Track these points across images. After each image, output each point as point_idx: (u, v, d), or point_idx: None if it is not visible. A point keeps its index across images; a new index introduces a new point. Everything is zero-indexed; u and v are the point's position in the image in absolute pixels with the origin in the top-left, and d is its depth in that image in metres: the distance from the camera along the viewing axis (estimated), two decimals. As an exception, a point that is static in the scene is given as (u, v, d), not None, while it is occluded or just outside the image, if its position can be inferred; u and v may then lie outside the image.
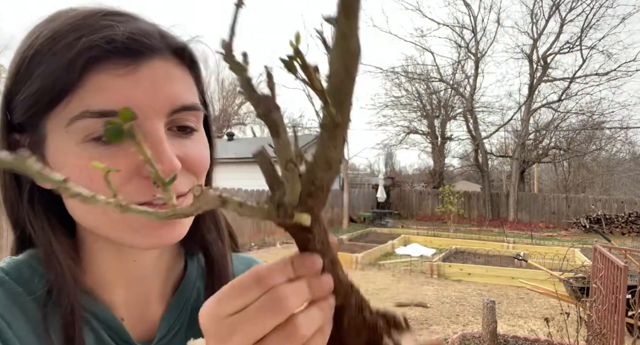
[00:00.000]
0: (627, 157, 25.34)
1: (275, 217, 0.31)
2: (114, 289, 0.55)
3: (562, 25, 17.91)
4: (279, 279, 0.34)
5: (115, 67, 0.44)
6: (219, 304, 0.34)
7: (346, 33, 0.23)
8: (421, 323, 5.34)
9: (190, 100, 0.50)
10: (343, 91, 0.26)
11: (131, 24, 0.47)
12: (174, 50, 0.49)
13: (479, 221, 17.34)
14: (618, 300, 3.37)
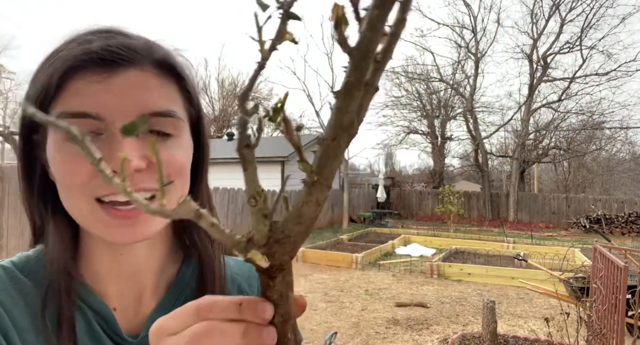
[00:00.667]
0: (627, 157, 25.34)
1: (242, 250, 0.32)
2: (107, 281, 0.59)
3: (562, 25, 17.91)
4: (216, 315, 0.34)
5: (91, 75, 0.50)
6: (165, 322, 0.36)
7: (341, 108, 0.25)
8: (421, 323, 5.34)
9: (163, 107, 0.53)
10: (327, 156, 0.27)
11: (112, 39, 0.52)
12: (155, 62, 0.54)
13: (479, 221, 17.34)
14: (618, 300, 3.37)
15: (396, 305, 6.00)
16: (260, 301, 0.34)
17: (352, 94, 0.25)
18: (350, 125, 0.26)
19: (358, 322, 5.34)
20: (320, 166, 0.28)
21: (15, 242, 5.22)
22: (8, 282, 0.54)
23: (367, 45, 0.23)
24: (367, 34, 0.23)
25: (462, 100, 20.86)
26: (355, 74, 0.24)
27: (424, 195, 19.58)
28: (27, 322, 0.52)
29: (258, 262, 0.31)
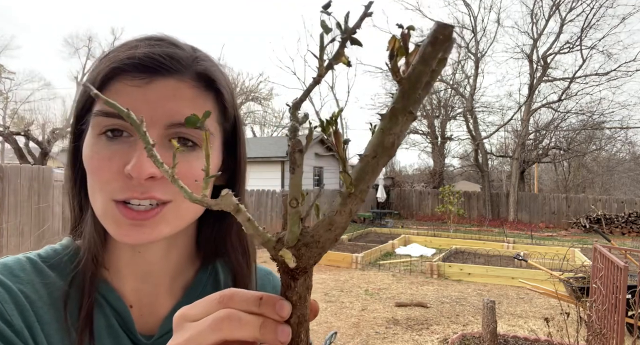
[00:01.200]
0: (627, 157, 25.33)
1: (271, 248, 0.34)
2: (125, 279, 0.61)
3: (562, 25, 17.90)
4: (238, 305, 0.36)
5: (131, 79, 0.53)
6: (189, 309, 0.38)
7: (385, 130, 0.28)
8: (421, 323, 5.34)
9: None
10: (366, 171, 0.30)
11: (158, 47, 0.55)
12: (195, 74, 0.56)
13: (479, 221, 17.33)
14: (618, 300, 3.37)
15: (396, 305, 6.00)
16: (280, 299, 0.35)
17: (397, 119, 0.27)
18: (391, 147, 0.29)
19: (358, 322, 5.33)
20: (357, 179, 0.30)
21: (15, 242, 5.22)
22: (34, 275, 0.55)
23: (417, 77, 0.25)
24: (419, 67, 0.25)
25: (462, 100, 20.85)
26: (403, 101, 0.26)
27: (424, 195, 19.58)
28: (50, 315, 0.53)
29: (287, 261, 0.33)
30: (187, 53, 0.56)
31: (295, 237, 0.33)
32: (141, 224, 0.52)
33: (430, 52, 0.24)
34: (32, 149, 17.29)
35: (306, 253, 0.33)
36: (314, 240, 0.33)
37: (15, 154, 17.27)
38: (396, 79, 0.26)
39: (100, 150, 0.52)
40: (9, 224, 5.14)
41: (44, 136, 17.62)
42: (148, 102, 0.52)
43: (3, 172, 5.09)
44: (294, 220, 0.32)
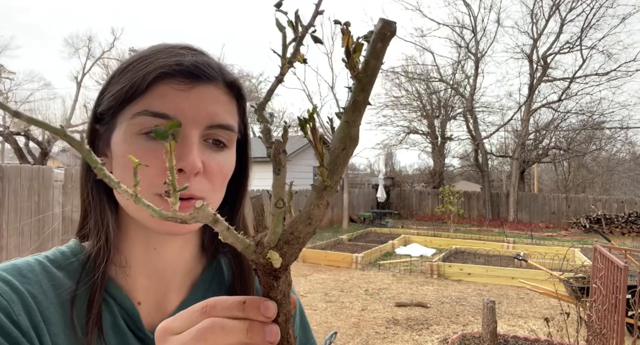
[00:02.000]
0: (627, 157, 25.32)
1: (251, 253, 0.34)
2: (137, 276, 0.62)
3: (562, 25, 17.89)
4: (221, 312, 0.36)
5: (177, 83, 0.57)
6: (171, 322, 0.38)
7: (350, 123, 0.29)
8: (421, 323, 5.34)
9: (227, 121, 0.60)
10: (337, 163, 0.31)
11: (199, 56, 0.60)
12: (227, 82, 0.61)
13: (479, 221, 17.33)
14: (618, 300, 3.36)
15: (396, 305, 6.00)
16: (263, 300, 0.35)
17: (360, 111, 0.29)
18: (356, 137, 0.30)
19: (358, 322, 5.33)
20: (331, 172, 0.31)
21: (15, 242, 5.22)
22: (42, 276, 0.56)
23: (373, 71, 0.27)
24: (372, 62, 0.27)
25: (462, 100, 20.84)
26: (363, 94, 0.28)
27: (424, 195, 19.57)
28: (57, 315, 0.54)
29: (274, 262, 0.33)
30: (216, 63, 0.62)
31: (277, 238, 0.33)
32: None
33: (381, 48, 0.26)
34: (32, 149, 17.29)
35: (288, 251, 0.33)
36: (295, 237, 0.33)
37: (15, 154, 17.27)
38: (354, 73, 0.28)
39: (143, 147, 0.55)
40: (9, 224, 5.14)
41: (44, 136, 17.61)
42: (192, 105, 0.57)
43: (3, 172, 5.08)
44: (277, 220, 0.32)
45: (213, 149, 0.60)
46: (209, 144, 0.59)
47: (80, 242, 0.63)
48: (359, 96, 0.28)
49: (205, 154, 0.58)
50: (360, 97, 0.28)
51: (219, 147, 0.60)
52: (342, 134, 0.30)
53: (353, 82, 0.28)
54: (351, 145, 0.30)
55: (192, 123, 0.57)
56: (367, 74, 0.27)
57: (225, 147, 0.61)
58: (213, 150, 0.59)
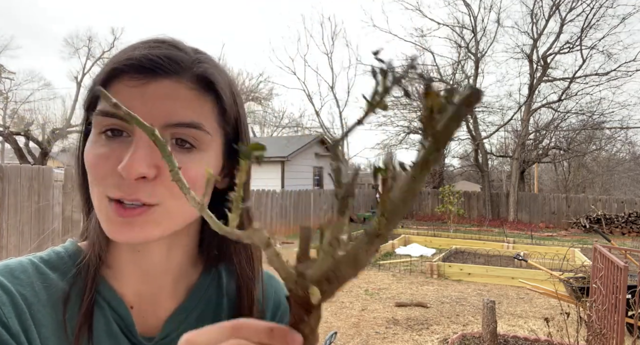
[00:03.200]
0: (627, 157, 25.33)
1: (292, 282, 0.34)
2: (126, 279, 0.61)
3: (562, 25, 17.89)
4: (249, 335, 0.35)
5: (129, 79, 0.53)
6: (197, 336, 0.37)
7: (417, 179, 0.29)
8: (421, 323, 5.34)
9: (188, 118, 0.54)
10: (396, 215, 0.31)
11: (157, 49, 0.55)
12: (194, 76, 0.55)
13: (479, 221, 17.33)
14: (618, 300, 3.37)
15: (396, 305, 6.00)
16: (291, 331, 0.35)
17: (428, 169, 0.29)
18: (417, 193, 0.31)
19: (358, 322, 5.34)
20: (388, 222, 0.31)
21: (15, 242, 5.22)
22: (35, 277, 0.55)
23: (450, 132, 0.28)
24: (452, 124, 0.27)
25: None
26: (436, 154, 0.29)
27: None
28: (49, 317, 0.53)
29: (313, 297, 0.33)
30: (187, 55, 0.56)
31: (320, 273, 0.33)
32: (131, 222, 0.52)
33: (465, 113, 0.27)
34: (32, 149, 17.29)
35: (327, 288, 0.33)
36: (336, 276, 0.33)
37: (15, 154, 17.27)
38: (432, 132, 0.28)
39: (99, 148, 0.53)
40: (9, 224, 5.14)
41: (44, 136, 17.62)
42: (145, 103, 0.52)
43: (3, 172, 5.08)
44: (327, 259, 0.32)
45: (177, 150, 0.54)
46: (172, 145, 0.54)
47: (78, 243, 0.62)
48: (432, 155, 0.28)
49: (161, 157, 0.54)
50: (433, 156, 0.29)
51: (184, 148, 0.54)
52: (407, 189, 0.30)
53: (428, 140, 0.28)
54: (412, 201, 0.30)
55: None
56: (444, 134, 0.28)
57: (193, 148, 0.55)
58: (178, 153, 0.54)
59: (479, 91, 0.27)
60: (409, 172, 0.30)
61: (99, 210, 0.54)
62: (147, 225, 0.53)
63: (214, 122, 0.57)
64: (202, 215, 0.34)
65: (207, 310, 0.66)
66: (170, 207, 0.53)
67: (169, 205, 0.53)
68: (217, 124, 0.58)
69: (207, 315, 0.65)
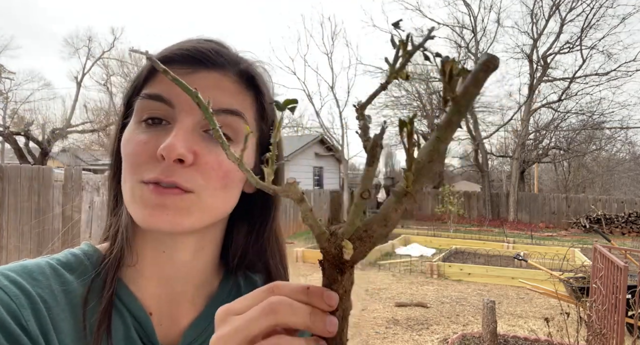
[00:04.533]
0: (627, 157, 25.32)
1: (325, 240, 0.35)
2: (147, 282, 0.59)
3: (562, 25, 17.89)
4: (287, 293, 0.36)
5: (178, 68, 0.54)
6: (234, 304, 0.38)
7: (441, 139, 0.30)
8: (421, 323, 5.34)
9: (231, 105, 0.55)
10: (422, 173, 0.32)
11: (207, 44, 0.57)
12: (238, 71, 0.58)
13: (479, 221, 17.33)
14: (618, 300, 3.36)
15: (396, 305, 6.00)
16: (326, 290, 0.36)
17: (452, 130, 0.30)
18: (443, 153, 0.31)
19: (358, 322, 5.33)
20: (415, 181, 0.32)
21: (16, 242, 5.22)
22: (53, 279, 0.53)
23: (471, 96, 0.29)
24: (471, 88, 0.29)
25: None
26: (458, 115, 0.30)
27: (424, 196, 19.56)
28: (67, 322, 0.51)
29: (346, 251, 0.34)
30: (232, 52, 0.59)
31: (353, 230, 0.34)
32: (165, 205, 0.51)
33: (482, 77, 0.28)
34: (32, 149, 17.29)
35: (359, 246, 0.34)
36: (368, 235, 0.34)
37: (15, 154, 17.26)
38: (452, 96, 0.29)
39: (138, 135, 0.53)
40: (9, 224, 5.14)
41: (44, 136, 17.62)
42: None
43: (3, 172, 5.08)
44: (358, 211, 0.33)
45: (215, 141, 0.53)
46: (209, 135, 0.54)
47: (96, 245, 0.61)
48: (455, 117, 0.30)
49: (202, 144, 0.53)
50: (456, 117, 0.30)
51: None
52: (432, 148, 0.31)
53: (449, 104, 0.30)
54: (438, 160, 0.31)
55: (187, 108, 0.53)
56: (465, 98, 0.29)
57: (230, 140, 0.54)
58: (215, 143, 0.53)
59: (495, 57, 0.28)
60: (434, 133, 0.31)
61: (131, 196, 0.53)
62: (179, 211, 0.52)
63: (252, 117, 0.59)
64: (240, 169, 0.35)
65: None
66: (204, 197, 0.53)
67: (203, 195, 0.53)
68: (255, 120, 0.59)
69: None
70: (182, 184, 0.51)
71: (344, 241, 0.34)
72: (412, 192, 0.32)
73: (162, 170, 0.51)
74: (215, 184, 0.54)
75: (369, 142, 0.33)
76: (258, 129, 0.60)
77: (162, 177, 0.51)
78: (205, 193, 0.53)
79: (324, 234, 0.35)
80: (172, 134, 0.51)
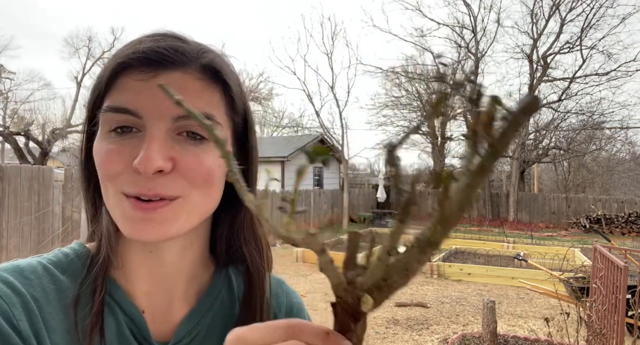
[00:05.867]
0: (627, 157, 25.32)
1: (342, 290, 0.33)
2: (137, 281, 0.59)
3: (562, 25, 17.89)
4: (307, 337, 0.35)
5: (137, 73, 0.52)
6: (250, 332, 0.36)
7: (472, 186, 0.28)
8: (421, 323, 5.34)
9: (199, 110, 0.53)
10: (448, 223, 0.29)
11: (163, 41, 0.54)
12: (201, 66, 0.55)
13: (479, 221, 17.34)
14: (618, 300, 3.37)
15: (396, 305, 6.00)
16: (344, 339, 0.34)
17: (484, 177, 0.28)
18: (474, 201, 0.29)
19: (358, 322, 5.33)
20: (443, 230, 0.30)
21: (16, 242, 5.22)
22: (45, 278, 0.53)
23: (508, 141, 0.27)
24: (509, 133, 0.27)
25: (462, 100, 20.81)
26: (492, 161, 0.28)
27: (424, 195, 19.57)
28: (59, 321, 0.51)
29: (364, 305, 0.32)
30: (192, 46, 0.56)
31: (373, 282, 0.32)
32: (150, 219, 0.50)
33: (522, 120, 0.27)
34: (32, 149, 17.30)
35: (377, 297, 0.32)
36: (387, 285, 0.32)
37: (15, 154, 17.27)
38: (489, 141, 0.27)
39: (110, 145, 0.52)
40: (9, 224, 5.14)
41: (44, 136, 17.62)
42: (154, 96, 0.51)
43: (3, 172, 5.08)
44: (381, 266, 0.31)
45: (189, 142, 0.53)
46: (183, 137, 0.53)
47: (86, 244, 0.61)
48: (489, 162, 0.28)
49: (177, 148, 0.52)
50: (489, 163, 0.28)
51: (197, 140, 0.53)
52: (462, 196, 0.28)
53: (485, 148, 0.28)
54: (467, 209, 0.29)
55: (155, 116, 0.51)
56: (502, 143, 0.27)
57: (204, 139, 0.54)
58: (190, 144, 0.53)
59: (537, 99, 0.26)
60: (465, 180, 0.28)
61: (114, 208, 0.52)
62: (166, 221, 0.52)
63: (223, 112, 0.57)
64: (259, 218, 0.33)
65: (220, 313, 0.64)
66: (191, 198, 0.53)
67: (190, 197, 0.52)
68: (226, 115, 0.58)
69: (220, 319, 0.63)
70: (167, 193, 0.51)
71: (364, 296, 0.32)
72: (438, 242, 0.30)
73: (143, 184, 0.50)
74: (199, 183, 0.53)
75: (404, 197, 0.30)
76: (231, 124, 0.59)
77: (144, 192, 0.50)
78: (191, 194, 0.53)
79: (342, 283, 0.33)
80: (144, 147, 0.49)
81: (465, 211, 0.29)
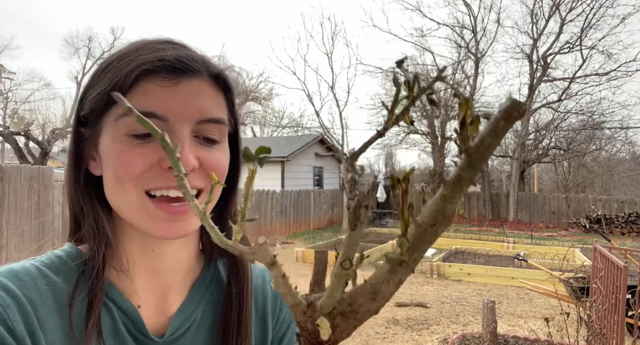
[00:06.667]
0: (627, 157, 25.31)
1: (300, 313, 0.30)
2: (134, 278, 0.61)
3: (562, 25, 17.88)
4: None
5: (161, 79, 0.55)
6: None
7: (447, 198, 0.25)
8: (421, 323, 5.34)
9: (216, 114, 0.59)
10: (423, 239, 0.26)
11: (181, 50, 0.58)
12: (212, 75, 0.59)
13: (479, 221, 17.33)
14: (618, 300, 3.37)
15: (396, 305, 6.00)
16: None
17: (462, 188, 0.26)
18: (451, 215, 0.26)
19: (358, 322, 5.33)
20: (413, 247, 0.27)
21: (16, 242, 5.22)
22: (39, 280, 0.54)
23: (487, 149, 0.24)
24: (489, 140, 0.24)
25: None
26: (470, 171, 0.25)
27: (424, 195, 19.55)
28: (54, 321, 0.52)
29: (322, 331, 0.29)
30: (198, 54, 0.60)
31: (332, 304, 0.28)
32: (178, 219, 0.55)
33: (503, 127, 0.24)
34: (32, 149, 17.29)
35: (341, 324, 0.29)
36: (352, 310, 0.28)
37: (15, 154, 17.26)
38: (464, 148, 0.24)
39: (130, 146, 0.54)
40: (9, 224, 5.14)
41: (44, 136, 17.62)
42: (179, 101, 0.55)
43: (3, 172, 5.08)
44: (339, 284, 0.28)
45: (205, 145, 0.58)
46: (199, 140, 0.58)
47: (76, 246, 0.61)
48: (465, 172, 0.25)
49: (198, 149, 0.57)
50: (467, 173, 0.25)
51: (210, 142, 0.59)
52: (436, 208, 0.26)
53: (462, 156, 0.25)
54: (443, 223, 0.26)
55: (182, 119, 0.55)
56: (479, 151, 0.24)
57: (217, 142, 0.60)
58: (205, 146, 0.58)
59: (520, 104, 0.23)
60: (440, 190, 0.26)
61: (139, 208, 0.55)
62: (191, 217, 0.56)
63: (226, 116, 0.62)
64: (204, 224, 0.31)
65: (211, 304, 0.67)
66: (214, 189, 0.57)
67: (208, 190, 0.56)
68: (227, 118, 0.63)
69: (211, 308, 0.67)
70: (198, 184, 0.56)
71: (319, 319, 0.28)
72: (409, 261, 0.27)
73: (172, 178, 0.53)
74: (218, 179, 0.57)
75: (353, 201, 0.27)
76: (230, 122, 0.64)
77: (174, 184, 0.53)
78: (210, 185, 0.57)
79: (299, 305, 0.29)
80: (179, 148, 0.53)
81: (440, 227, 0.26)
